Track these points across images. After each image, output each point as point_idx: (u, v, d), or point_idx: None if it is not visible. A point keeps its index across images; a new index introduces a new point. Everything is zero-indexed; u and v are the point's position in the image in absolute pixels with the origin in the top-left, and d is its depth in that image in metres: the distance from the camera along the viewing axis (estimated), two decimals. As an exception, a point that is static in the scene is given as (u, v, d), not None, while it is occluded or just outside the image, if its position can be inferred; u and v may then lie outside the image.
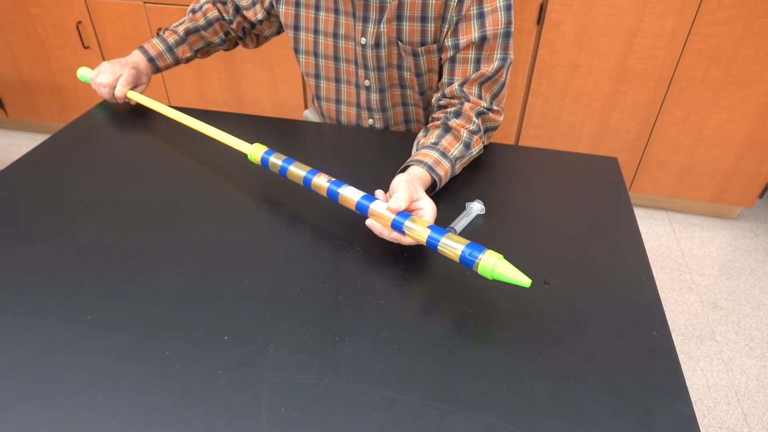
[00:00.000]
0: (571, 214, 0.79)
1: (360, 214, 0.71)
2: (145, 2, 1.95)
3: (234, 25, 1.04)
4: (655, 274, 0.65)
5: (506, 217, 0.78)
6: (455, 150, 0.83)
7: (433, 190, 0.81)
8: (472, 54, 0.86)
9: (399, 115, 1.03)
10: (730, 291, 1.76)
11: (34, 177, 0.84)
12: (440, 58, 0.91)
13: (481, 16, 0.83)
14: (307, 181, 0.75)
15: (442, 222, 0.74)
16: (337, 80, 0.99)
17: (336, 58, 0.95)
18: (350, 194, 0.71)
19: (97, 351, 0.56)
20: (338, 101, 1.03)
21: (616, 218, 0.78)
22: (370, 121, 1.03)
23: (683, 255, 1.91)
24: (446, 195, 0.82)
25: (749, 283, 1.80)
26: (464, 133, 0.85)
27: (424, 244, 0.65)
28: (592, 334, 0.59)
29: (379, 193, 0.71)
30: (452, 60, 0.88)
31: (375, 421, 0.50)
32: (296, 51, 0.99)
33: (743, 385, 1.45)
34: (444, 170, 0.80)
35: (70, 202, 0.79)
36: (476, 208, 0.78)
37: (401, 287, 0.65)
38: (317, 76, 1.00)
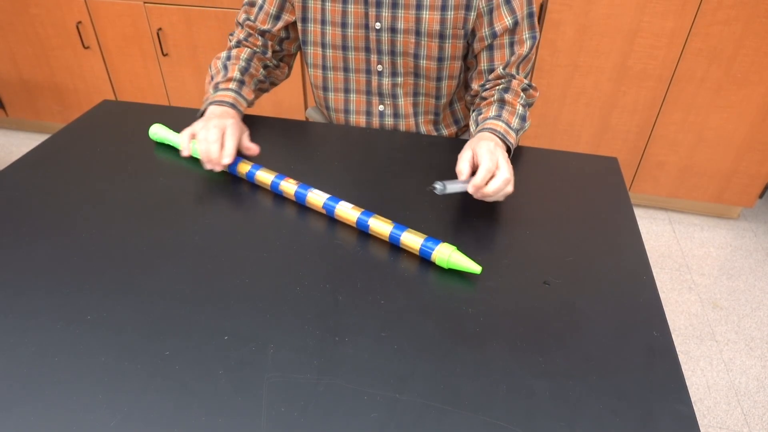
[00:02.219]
0: (571, 214, 0.79)
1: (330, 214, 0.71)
2: (145, 2, 1.95)
3: (269, 53, 1.01)
4: (655, 274, 0.65)
5: (506, 217, 0.78)
6: (515, 121, 0.88)
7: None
8: (506, 39, 0.91)
9: (409, 106, 1.02)
10: (730, 291, 1.76)
11: (34, 177, 0.84)
12: (464, 45, 0.94)
13: (507, 2, 0.88)
14: (274, 186, 0.80)
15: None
16: (346, 69, 0.99)
17: (344, 47, 0.96)
18: (317, 197, 0.76)
19: (97, 351, 0.56)
20: (347, 90, 1.02)
21: (616, 218, 0.78)
22: (381, 107, 1.02)
23: (683, 255, 1.91)
24: (439, 196, 0.81)
25: (749, 283, 1.80)
26: (519, 107, 0.90)
27: (387, 239, 0.71)
28: (592, 334, 0.59)
29: (464, 167, 0.75)
30: (490, 47, 0.92)
31: (375, 421, 0.50)
32: (304, 43, 0.99)
33: (743, 385, 1.45)
34: (512, 138, 0.85)
35: (70, 202, 0.79)
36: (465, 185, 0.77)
37: (401, 287, 0.65)
38: (324, 68, 1.00)
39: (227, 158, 0.80)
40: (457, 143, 0.96)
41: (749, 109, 1.77)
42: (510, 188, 0.75)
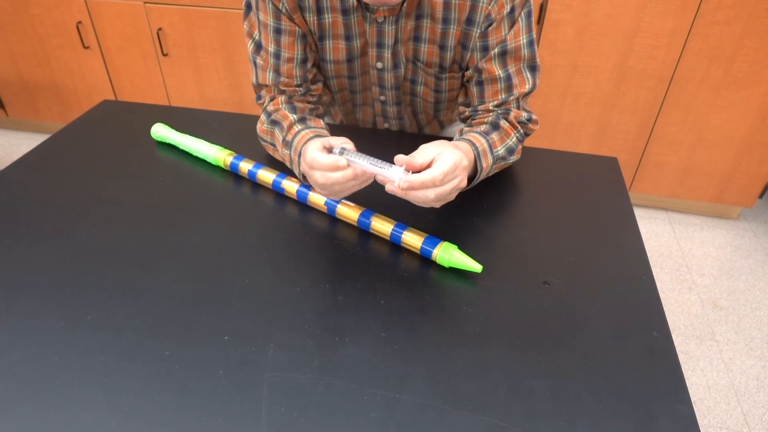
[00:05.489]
0: (571, 214, 0.79)
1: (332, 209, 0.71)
2: (145, 2, 1.95)
3: (304, 93, 0.88)
4: (655, 274, 0.65)
5: (506, 217, 0.78)
6: (500, 149, 0.79)
7: (468, 183, 0.73)
8: (501, 85, 0.81)
9: (413, 125, 1.01)
10: (730, 291, 1.76)
11: (34, 177, 0.84)
12: (462, 78, 0.86)
13: (502, 54, 0.80)
14: (276, 185, 0.80)
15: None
16: (352, 92, 0.94)
17: (351, 77, 0.90)
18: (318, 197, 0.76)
19: (97, 351, 0.56)
20: (354, 104, 0.98)
21: (616, 218, 0.78)
22: (386, 125, 1.01)
23: (683, 255, 1.91)
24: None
25: (749, 283, 1.80)
26: (513, 138, 0.82)
27: (388, 239, 0.71)
28: (592, 334, 0.59)
29: (400, 159, 0.63)
30: (479, 83, 0.83)
31: (375, 421, 0.50)
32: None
33: (743, 385, 1.45)
34: (486, 163, 0.76)
35: (70, 202, 0.79)
36: (394, 173, 0.63)
37: (401, 287, 0.65)
38: (330, 90, 0.95)
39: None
40: (457, 143, 0.95)
41: (749, 109, 1.77)
42: (436, 203, 0.65)
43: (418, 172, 0.63)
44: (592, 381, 0.54)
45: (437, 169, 0.62)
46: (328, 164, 0.63)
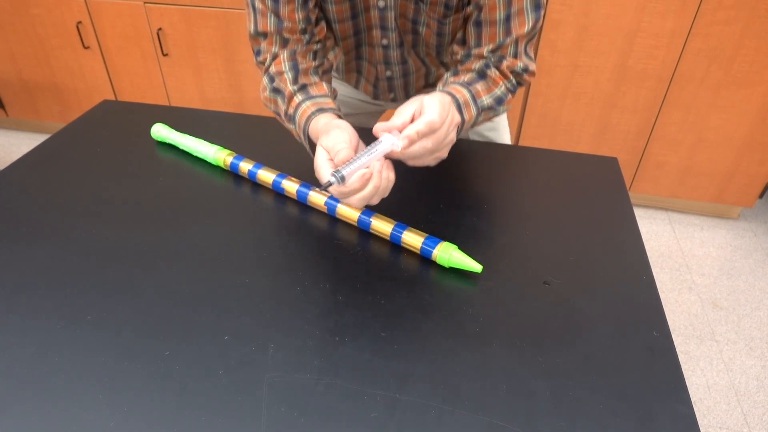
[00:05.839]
0: (571, 214, 0.79)
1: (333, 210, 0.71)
2: (145, 2, 1.95)
3: (308, 41, 0.82)
4: (655, 274, 0.65)
5: (506, 217, 0.78)
6: (487, 99, 0.75)
7: None
8: (499, 14, 0.74)
9: (421, 70, 0.95)
10: (730, 291, 1.76)
11: (34, 177, 0.84)
12: (464, 19, 0.81)
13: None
14: (276, 185, 0.80)
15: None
16: (356, 33, 0.87)
17: (353, 17, 0.84)
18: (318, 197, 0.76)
19: (97, 351, 0.56)
20: (358, 51, 0.92)
21: (616, 218, 0.78)
22: (388, 72, 0.94)
23: (683, 255, 1.91)
24: (439, 197, 0.81)
25: (749, 283, 1.80)
26: (501, 87, 0.77)
27: (388, 238, 0.71)
28: (592, 334, 0.59)
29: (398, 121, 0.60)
30: (477, 23, 0.76)
31: (375, 421, 0.50)
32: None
33: (743, 385, 1.45)
34: (470, 115, 0.72)
35: (70, 202, 0.79)
36: (390, 140, 0.60)
37: (401, 287, 0.65)
38: (334, 35, 0.88)
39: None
40: (458, 143, 0.96)
41: (749, 109, 1.77)
42: (433, 155, 0.61)
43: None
44: (592, 381, 0.54)
45: (429, 114, 0.59)
46: (336, 192, 0.61)
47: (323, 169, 0.62)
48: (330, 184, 0.59)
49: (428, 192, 0.81)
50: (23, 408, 0.50)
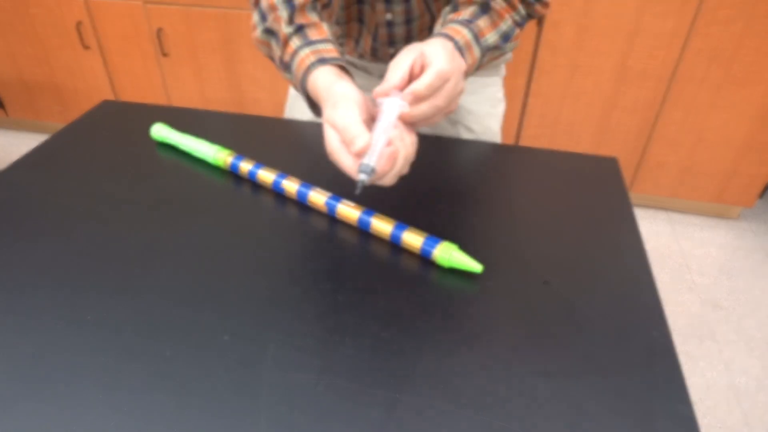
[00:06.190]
0: (571, 214, 0.79)
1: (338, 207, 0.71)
2: (145, 2, 1.95)
3: None
4: (655, 274, 0.65)
5: (506, 217, 0.78)
6: (491, 36, 0.67)
7: None
8: None
9: (426, 17, 0.86)
10: (730, 291, 1.76)
11: (34, 177, 0.84)
12: None
13: None
14: (276, 185, 0.79)
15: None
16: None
17: None
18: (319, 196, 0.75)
19: (97, 351, 0.56)
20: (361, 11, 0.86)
21: (616, 218, 0.78)
22: (389, 15, 0.84)
23: (683, 255, 1.91)
24: (439, 197, 0.81)
25: (749, 283, 1.80)
26: (508, 20, 0.69)
27: (388, 239, 0.70)
28: (592, 334, 0.59)
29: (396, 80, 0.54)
30: None
31: (375, 421, 0.50)
32: None
33: (743, 385, 1.45)
34: (472, 58, 0.65)
35: (70, 202, 0.79)
36: (395, 105, 0.54)
37: (401, 287, 0.65)
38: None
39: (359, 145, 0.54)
40: (459, 143, 0.96)
41: (749, 109, 1.77)
42: (442, 117, 0.55)
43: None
44: (592, 381, 0.54)
45: (437, 63, 0.53)
46: (369, 182, 0.55)
47: (343, 158, 0.55)
48: (364, 183, 0.55)
49: (428, 192, 0.81)
50: (23, 408, 0.50)
